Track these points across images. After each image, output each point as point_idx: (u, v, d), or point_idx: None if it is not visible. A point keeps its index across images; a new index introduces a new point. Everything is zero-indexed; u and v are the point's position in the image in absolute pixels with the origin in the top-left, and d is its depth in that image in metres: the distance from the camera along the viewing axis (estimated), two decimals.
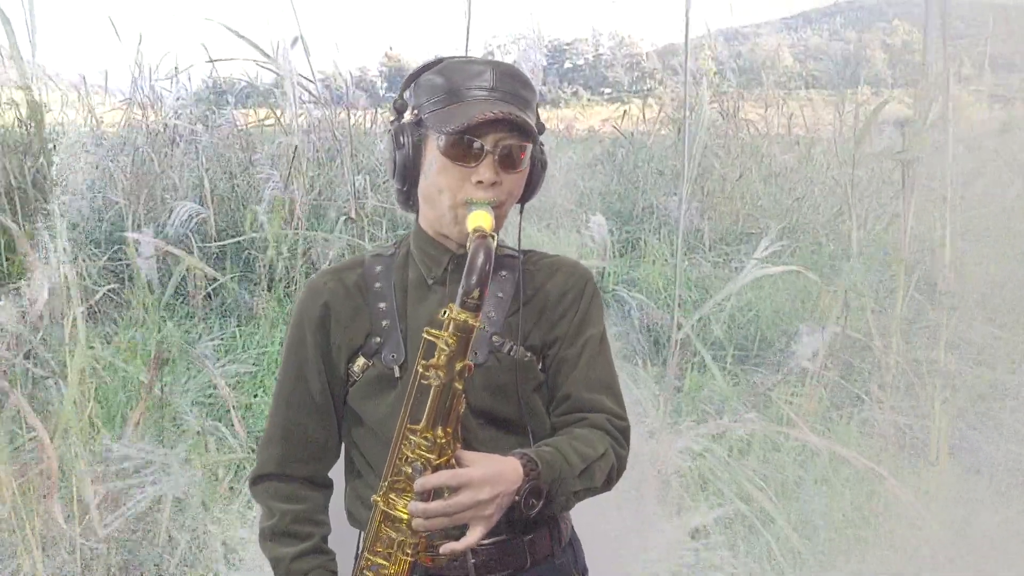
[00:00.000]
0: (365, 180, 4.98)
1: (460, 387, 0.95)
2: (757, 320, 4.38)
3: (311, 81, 4.64)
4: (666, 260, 5.30)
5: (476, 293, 0.92)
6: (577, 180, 6.18)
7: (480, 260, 0.93)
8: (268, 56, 4.17)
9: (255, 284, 4.51)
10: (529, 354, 1.10)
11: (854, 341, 3.38)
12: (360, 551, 1.06)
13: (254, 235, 4.59)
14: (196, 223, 4.66)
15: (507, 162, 1.04)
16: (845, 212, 5.71)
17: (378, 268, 1.13)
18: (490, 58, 1.14)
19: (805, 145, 6.67)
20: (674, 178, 6.09)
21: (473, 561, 1.07)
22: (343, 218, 4.61)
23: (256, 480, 1.16)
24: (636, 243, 5.66)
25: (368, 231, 4.64)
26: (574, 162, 6.45)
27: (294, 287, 4.46)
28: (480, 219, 1.00)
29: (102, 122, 5.31)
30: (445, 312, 0.94)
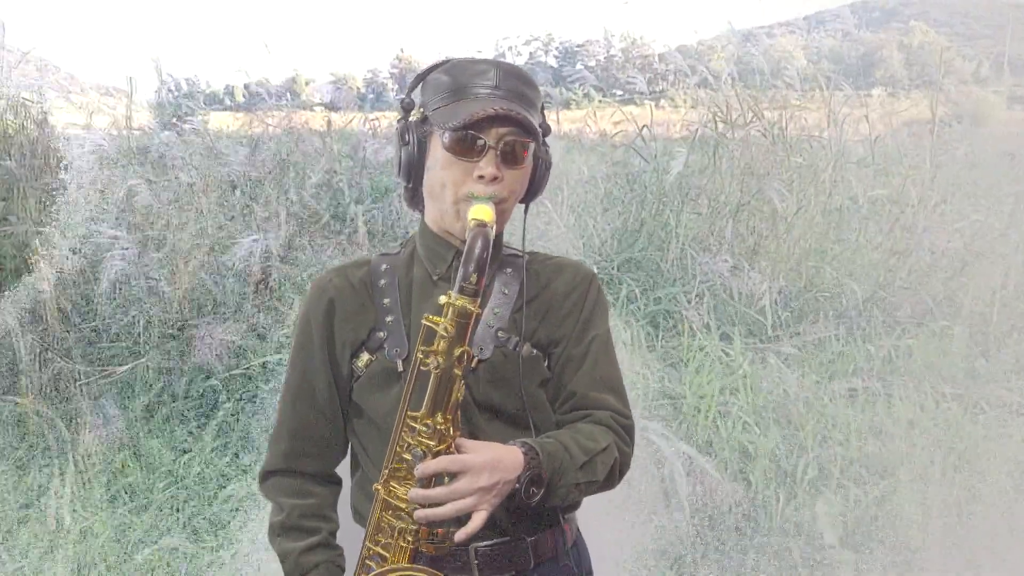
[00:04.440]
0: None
1: (459, 373, 0.97)
2: None
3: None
4: (717, 356, 3.20)
5: (473, 278, 0.95)
6: (588, 221, 4.30)
7: (478, 247, 0.96)
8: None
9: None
10: (535, 350, 1.12)
11: None
12: (363, 542, 1.06)
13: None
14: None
15: (509, 158, 1.07)
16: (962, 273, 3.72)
17: (384, 266, 1.16)
18: (495, 59, 1.17)
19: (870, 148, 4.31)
20: (710, 216, 4.24)
21: (476, 561, 1.08)
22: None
23: (265, 476, 1.19)
24: (668, 319, 3.71)
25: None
26: (583, 188, 4.56)
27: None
28: (480, 212, 1.03)
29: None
30: (444, 299, 0.96)
